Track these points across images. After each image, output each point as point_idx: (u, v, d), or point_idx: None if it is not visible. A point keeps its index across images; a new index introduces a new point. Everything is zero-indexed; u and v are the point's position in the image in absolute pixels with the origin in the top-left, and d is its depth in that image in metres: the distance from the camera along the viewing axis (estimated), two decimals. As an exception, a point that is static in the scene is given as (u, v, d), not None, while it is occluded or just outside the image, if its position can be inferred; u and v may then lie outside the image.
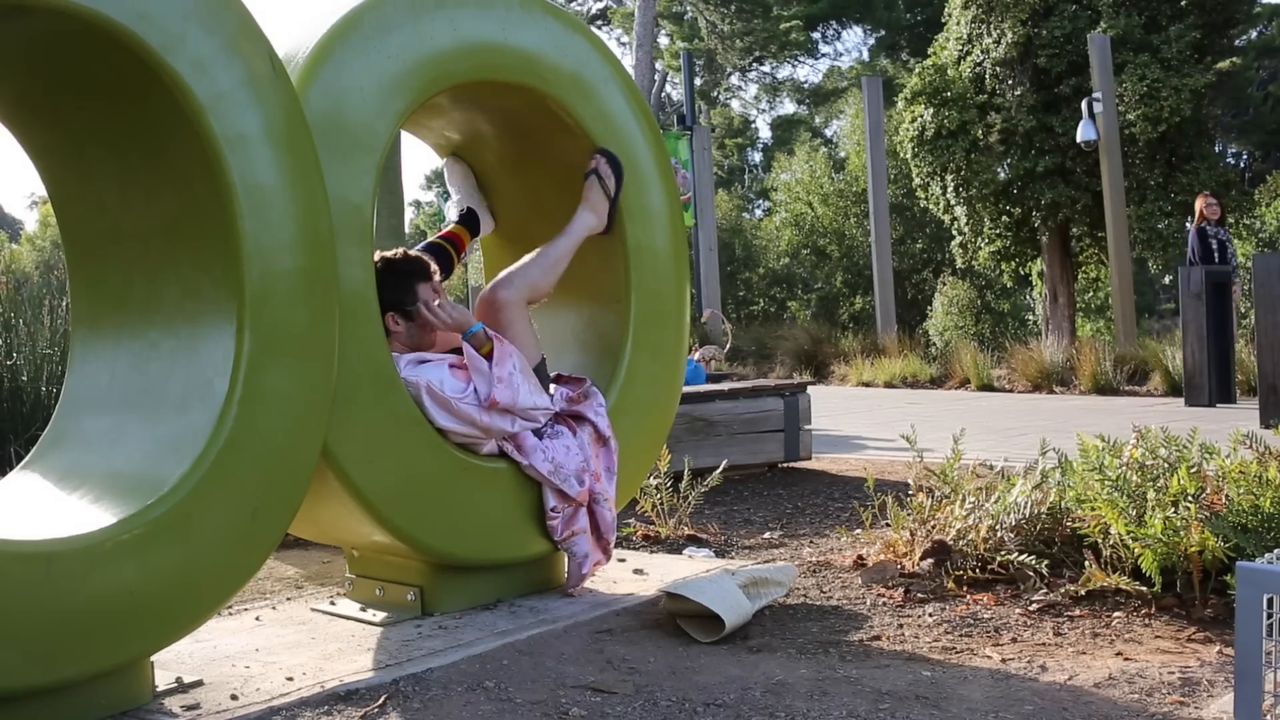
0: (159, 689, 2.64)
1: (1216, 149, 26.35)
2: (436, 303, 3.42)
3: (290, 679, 2.74)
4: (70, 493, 2.65)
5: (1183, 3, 18.08)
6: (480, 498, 3.30)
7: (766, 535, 4.69)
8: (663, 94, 36.51)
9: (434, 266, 3.56)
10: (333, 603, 3.46)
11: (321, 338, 2.86)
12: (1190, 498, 3.35)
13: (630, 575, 3.76)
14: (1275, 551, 2.53)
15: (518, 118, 3.79)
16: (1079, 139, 15.53)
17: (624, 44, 36.35)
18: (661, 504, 4.66)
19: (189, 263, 2.75)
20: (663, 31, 36.15)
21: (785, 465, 6.61)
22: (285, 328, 2.75)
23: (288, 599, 3.66)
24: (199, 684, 2.71)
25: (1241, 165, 33.86)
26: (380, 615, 3.27)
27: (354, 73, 3.13)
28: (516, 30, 3.56)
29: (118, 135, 2.75)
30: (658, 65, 33.80)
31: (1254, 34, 34.41)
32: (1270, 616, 2.36)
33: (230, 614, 3.44)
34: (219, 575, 2.62)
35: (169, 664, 2.82)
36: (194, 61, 2.59)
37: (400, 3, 3.28)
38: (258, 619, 3.37)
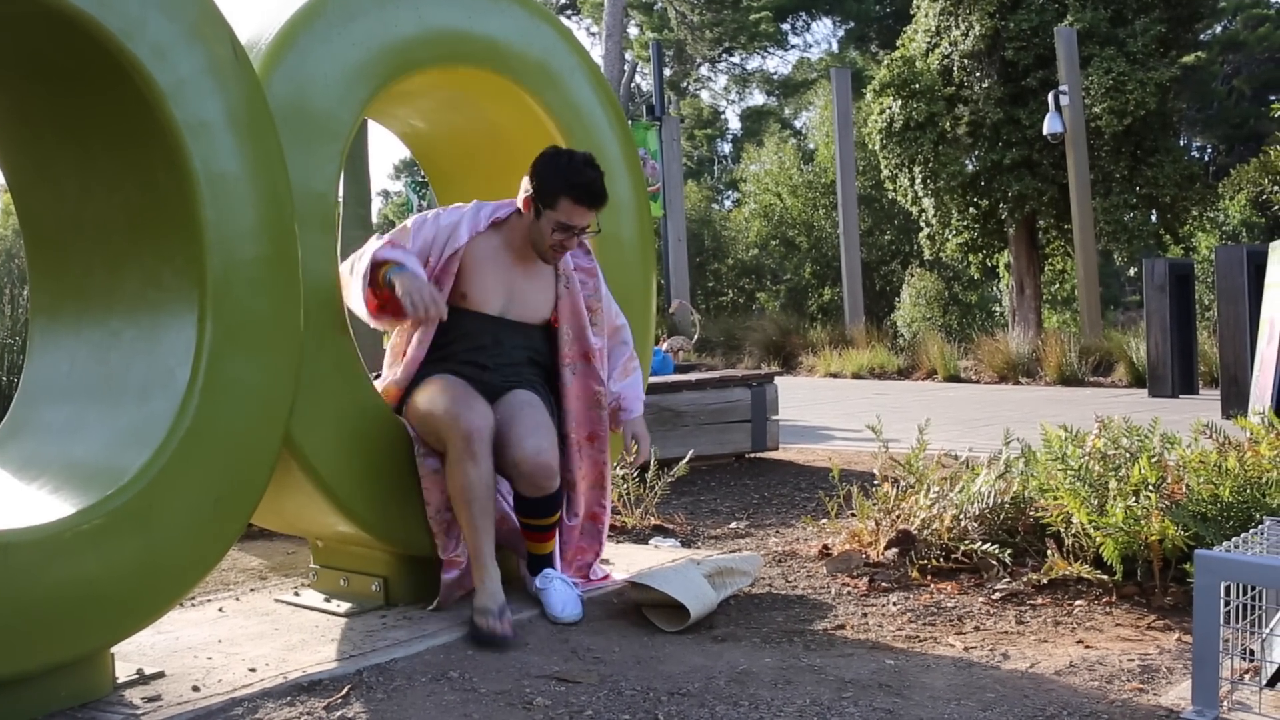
0: (119, 680, 2.61)
1: (1181, 142, 26.60)
2: (558, 239, 3.24)
3: (253, 670, 2.73)
4: (29, 483, 2.62)
5: (1149, -3, 18.22)
6: (445, 488, 3.29)
7: (733, 525, 4.70)
8: (632, 84, 36.45)
9: (589, 209, 3.25)
10: (297, 593, 3.44)
11: (284, 327, 2.84)
12: (1151, 487, 3.38)
13: (596, 565, 3.76)
14: (1233, 540, 2.57)
15: (484, 107, 3.77)
16: (1045, 131, 15.63)
17: (593, 34, 36.30)
18: (628, 494, 4.66)
19: (150, 251, 2.73)
20: (632, 22, 36.10)
21: (752, 455, 6.63)
22: (248, 317, 2.73)
23: (251, 590, 3.64)
24: (160, 675, 2.69)
25: (1206, 159, 34.19)
26: (344, 606, 3.25)
27: (317, 59, 3.11)
28: (482, 18, 3.54)
29: (77, 122, 2.72)
30: (627, 55, 33.74)
31: (1218, 28, 34.73)
32: (1228, 604, 2.39)
33: (193, 605, 3.42)
34: (181, 566, 2.60)
35: (130, 655, 2.80)
36: (154, 47, 2.56)
37: (364, -11, 3.26)
38: (221, 610, 3.35)
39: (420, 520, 3.22)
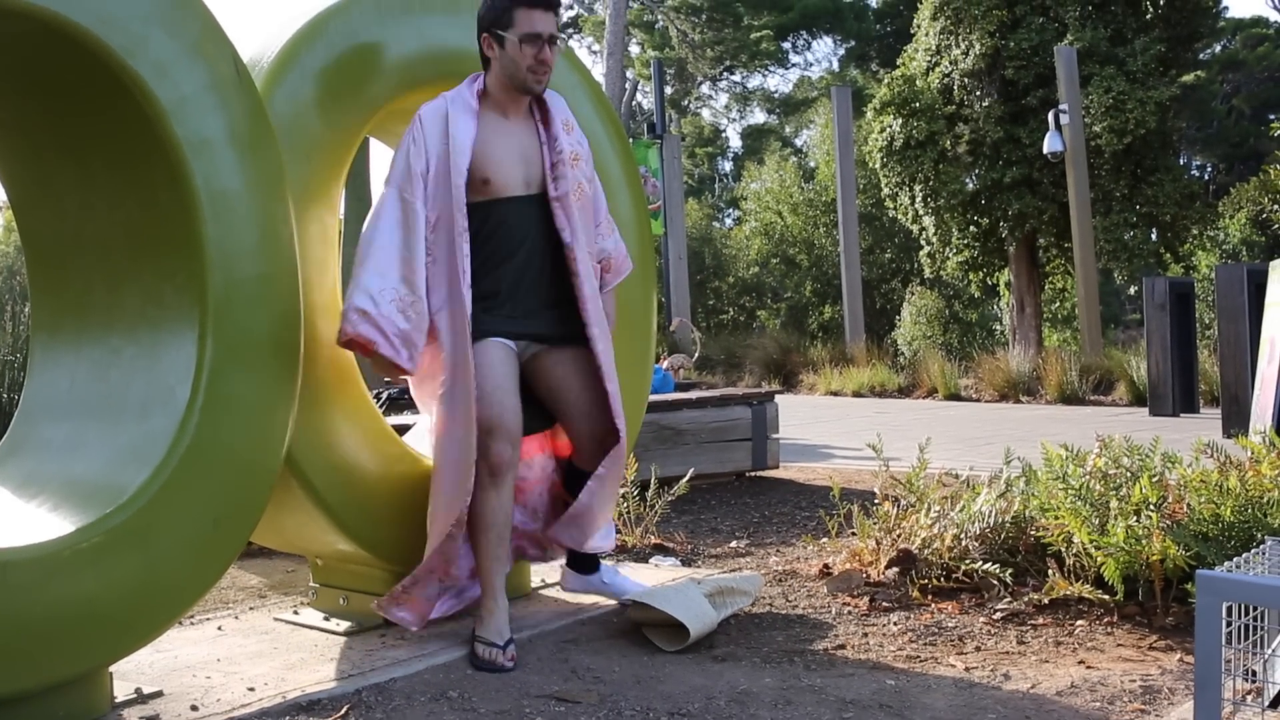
0: (117, 700, 2.61)
1: (1181, 161, 26.66)
2: (530, 54, 3.08)
3: (252, 689, 2.72)
4: (28, 501, 2.62)
5: (1148, 16, 18.29)
6: (445, 506, 3.28)
7: (733, 544, 4.69)
8: (634, 102, 36.55)
9: (546, 10, 3.10)
10: (296, 612, 3.43)
11: (285, 344, 2.84)
12: (1152, 506, 3.37)
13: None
14: (1234, 560, 2.56)
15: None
16: (1045, 150, 15.66)
17: (595, 52, 36.41)
18: (628, 513, 4.65)
19: (151, 269, 2.73)
20: (634, 40, 36.22)
21: (753, 474, 6.61)
22: (248, 334, 2.73)
23: (250, 608, 3.63)
24: (158, 695, 2.68)
25: (1206, 177, 34.25)
26: (344, 624, 3.24)
27: (319, 77, 3.12)
28: (484, 37, 3.55)
29: (79, 139, 2.72)
30: (629, 74, 33.84)
31: (1218, 48, 34.82)
32: (1229, 624, 2.38)
33: (192, 623, 3.41)
34: (180, 584, 2.59)
35: (128, 674, 2.79)
36: (156, 65, 2.57)
37: (366, 8, 3.27)
38: (220, 629, 3.34)
39: (421, 538, 3.21)
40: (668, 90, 33.58)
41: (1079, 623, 3.28)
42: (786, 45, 37.57)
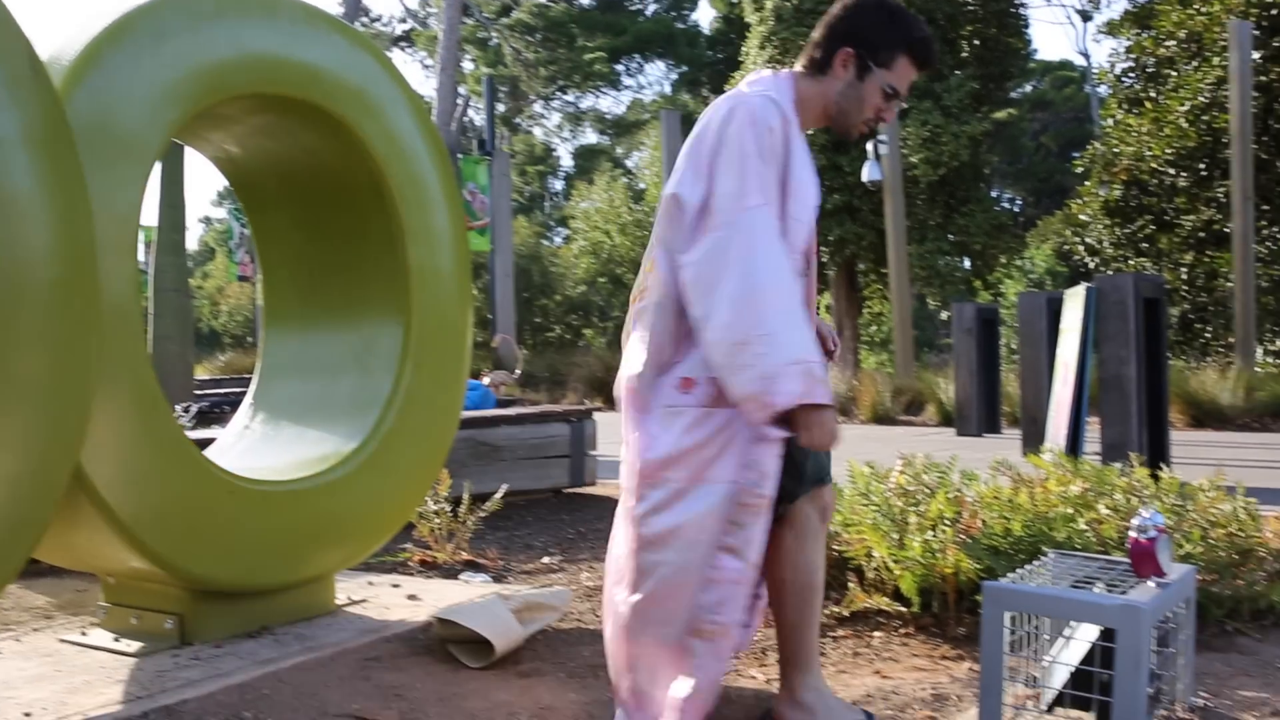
0: (-119, 726, 2.46)
1: (992, 194, 27.87)
2: (882, 105, 2.58)
3: (28, 715, 2.58)
4: None
5: (963, 55, 19.10)
6: (247, 520, 3.19)
7: (546, 560, 4.69)
8: (465, 118, 36.36)
9: (919, 71, 2.61)
10: (84, 633, 3.28)
11: (80, 351, 2.72)
12: (948, 522, 3.51)
13: (404, 601, 3.70)
14: (1018, 571, 2.68)
15: (301, 135, 3.71)
16: (865, 179, 16.19)
17: (427, 67, 36.13)
18: (440, 529, 4.60)
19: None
20: (467, 56, 36.06)
21: (570, 491, 6.63)
22: (39, 338, 2.61)
23: (34, 630, 3.45)
24: (-72, 720, 2.54)
25: (1015, 209, 35.88)
26: (135, 645, 3.12)
27: (124, 79, 3.01)
28: (301, 45, 3.49)
29: None
30: (461, 89, 33.64)
31: (1028, 87, 36.57)
32: (1014, 633, 2.50)
33: (-29, 645, 3.23)
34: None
35: (-104, 699, 2.63)
36: (-60, 58, 2.45)
37: (177, 9, 3.18)
38: None
39: (219, 554, 3.12)
40: (500, 108, 33.54)
41: (876, 634, 3.39)
42: (620, 68, 38.00)
